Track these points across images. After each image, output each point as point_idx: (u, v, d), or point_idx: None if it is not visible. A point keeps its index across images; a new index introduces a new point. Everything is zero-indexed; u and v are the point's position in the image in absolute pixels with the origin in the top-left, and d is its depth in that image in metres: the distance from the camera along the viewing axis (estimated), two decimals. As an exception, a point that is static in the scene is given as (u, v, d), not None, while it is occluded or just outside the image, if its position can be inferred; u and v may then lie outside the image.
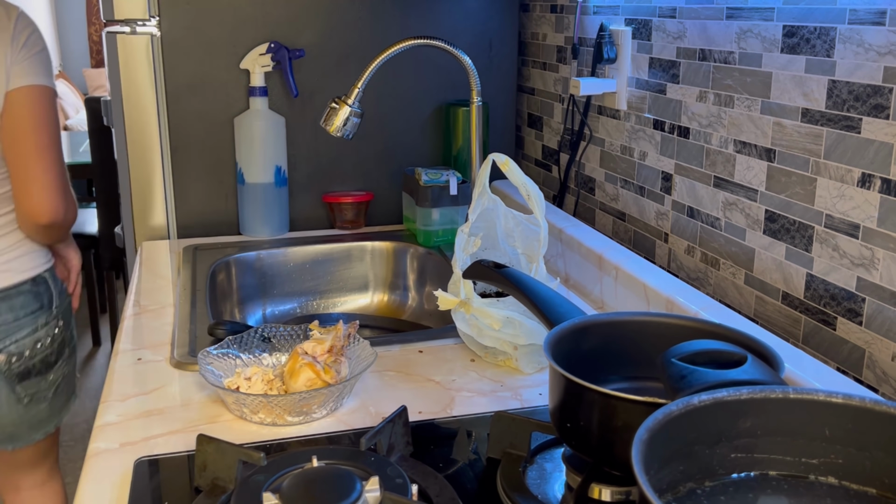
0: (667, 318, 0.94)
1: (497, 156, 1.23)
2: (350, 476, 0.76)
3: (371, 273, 1.76)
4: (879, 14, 0.96)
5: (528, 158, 2.01)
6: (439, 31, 1.84)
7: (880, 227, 0.98)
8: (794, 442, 0.67)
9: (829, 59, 1.04)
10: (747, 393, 0.66)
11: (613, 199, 1.60)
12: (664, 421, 0.61)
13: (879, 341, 0.99)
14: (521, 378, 1.15)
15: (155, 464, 0.92)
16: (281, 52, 1.73)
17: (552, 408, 0.85)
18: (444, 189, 1.69)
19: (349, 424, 1.02)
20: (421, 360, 1.21)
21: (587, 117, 1.67)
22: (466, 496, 0.85)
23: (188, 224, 1.80)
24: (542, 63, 1.88)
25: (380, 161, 1.88)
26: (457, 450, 0.96)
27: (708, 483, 0.66)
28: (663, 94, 1.41)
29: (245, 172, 1.75)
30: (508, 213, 1.30)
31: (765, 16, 1.15)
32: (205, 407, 1.07)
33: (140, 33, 1.68)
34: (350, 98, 1.47)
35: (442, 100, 1.89)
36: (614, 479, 0.82)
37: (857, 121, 1.00)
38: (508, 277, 1.04)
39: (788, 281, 1.14)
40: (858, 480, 0.66)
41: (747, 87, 1.19)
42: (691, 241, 1.36)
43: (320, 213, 1.87)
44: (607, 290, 1.38)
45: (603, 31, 1.51)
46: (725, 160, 1.25)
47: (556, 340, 0.88)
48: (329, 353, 1.08)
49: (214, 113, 1.76)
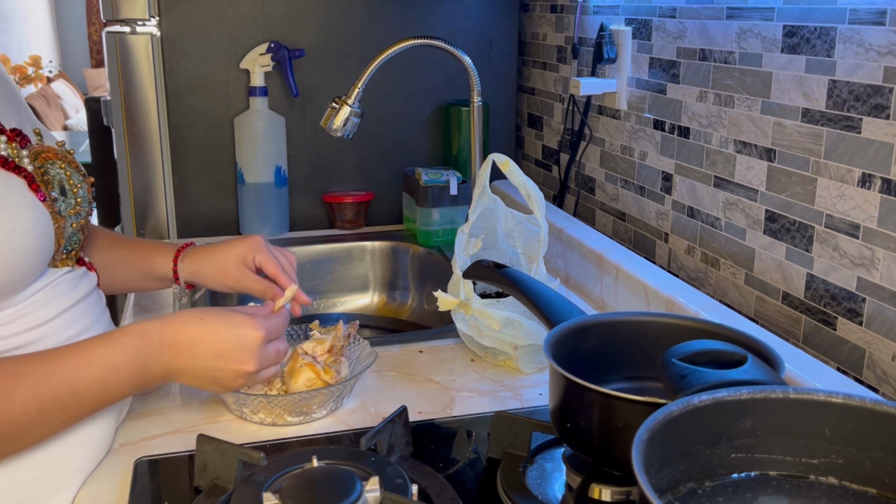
0: (667, 318, 0.94)
1: (497, 156, 1.23)
2: (350, 476, 0.76)
3: (371, 273, 1.76)
4: (879, 14, 0.96)
5: (528, 158, 2.01)
6: (439, 31, 1.84)
7: (880, 227, 0.98)
8: (795, 442, 0.66)
9: (829, 59, 1.04)
10: (747, 393, 0.66)
11: (613, 199, 1.60)
12: (664, 421, 0.61)
13: (880, 341, 0.99)
14: (521, 378, 1.15)
15: (155, 464, 0.92)
16: (281, 52, 1.73)
17: (552, 408, 0.85)
18: (444, 189, 1.69)
19: (349, 424, 1.02)
20: (421, 360, 1.21)
21: (587, 117, 1.67)
22: (466, 496, 0.85)
23: (188, 224, 1.79)
24: (542, 63, 1.88)
25: (380, 161, 1.88)
26: (457, 450, 0.96)
27: (708, 483, 0.66)
28: (663, 94, 1.41)
29: (245, 172, 1.75)
30: (508, 213, 1.30)
31: (765, 16, 1.15)
32: (205, 407, 1.07)
33: (140, 33, 1.68)
34: (350, 98, 1.47)
35: (442, 100, 1.89)
36: (614, 479, 0.82)
37: (857, 121, 1.00)
38: (508, 277, 1.04)
39: (788, 281, 1.14)
40: (858, 480, 0.66)
41: (747, 86, 1.19)
42: (691, 241, 1.36)
43: (320, 213, 1.87)
44: (607, 290, 1.38)
45: (603, 31, 1.51)
46: (725, 160, 1.25)
47: (556, 340, 0.88)
48: (329, 353, 1.08)
49: (214, 113, 1.76)
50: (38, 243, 0.84)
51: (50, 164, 0.90)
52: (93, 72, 7.09)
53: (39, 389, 0.80)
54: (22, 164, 0.87)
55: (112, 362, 0.84)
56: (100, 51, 7.27)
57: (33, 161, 0.88)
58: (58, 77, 6.56)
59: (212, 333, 0.88)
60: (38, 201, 0.86)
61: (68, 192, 0.91)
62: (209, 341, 0.88)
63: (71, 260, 0.93)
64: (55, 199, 0.89)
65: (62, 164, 0.92)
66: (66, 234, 0.91)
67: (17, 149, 0.87)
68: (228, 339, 0.88)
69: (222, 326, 0.89)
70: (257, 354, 0.89)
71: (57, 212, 0.88)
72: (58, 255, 0.90)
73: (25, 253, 0.83)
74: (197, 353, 0.88)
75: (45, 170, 0.89)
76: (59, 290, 0.91)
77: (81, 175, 0.95)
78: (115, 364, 0.84)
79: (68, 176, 0.92)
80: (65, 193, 0.91)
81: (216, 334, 0.88)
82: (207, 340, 0.88)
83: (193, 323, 0.88)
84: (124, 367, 0.84)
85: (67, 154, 0.95)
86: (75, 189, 0.92)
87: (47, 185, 0.88)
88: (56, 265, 0.91)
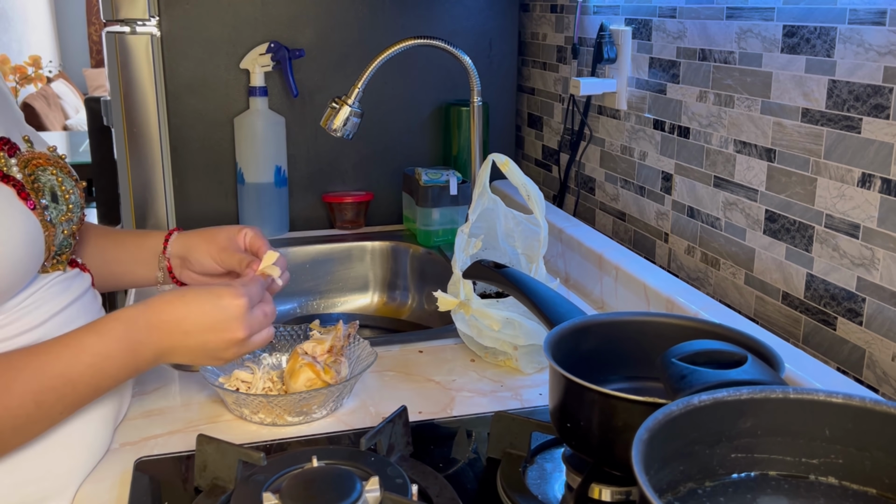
0: (667, 318, 0.94)
1: (497, 156, 1.23)
2: (350, 476, 0.76)
3: (371, 273, 1.76)
4: (879, 14, 0.96)
5: (528, 158, 2.01)
6: (439, 30, 1.84)
7: (880, 227, 0.98)
8: (794, 442, 0.66)
9: (829, 59, 1.04)
10: (747, 393, 0.66)
11: (613, 199, 1.60)
12: (664, 421, 0.61)
13: (879, 341, 0.99)
14: (521, 378, 1.15)
15: (155, 464, 0.92)
16: (281, 52, 1.73)
17: (552, 408, 0.85)
18: (444, 189, 1.69)
19: (349, 424, 1.02)
20: (421, 360, 1.21)
21: (587, 117, 1.67)
22: (466, 496, 0.85)
23: (188, 224, 1.79)
24: (542, 63, 1.88)
25: (380, 161, 1.88)
26: (457, 450, 0.96)
27: (708, 483, 0.66)
28: (663, 94, 1.41)
29: (245, 172, 1.75)
30: (508, 213, 1.30)
31: (765, 16, 1.15)
32: (205, 407, 1.07)
33: (140, 33, 1.68)
34: (350, 98, 1.47)
35: (442, 100, 1.89)
36: (614, 479, 0.82)
37: (857, 121, 1.00)
38: (508, 277, 1.04)
39: (788, 281, 1.14)
40: (858, 480, 0.66)
41: (747, 86, 1.19)
42: (691, 241, 1.36)
43: (320, 213, 1.87)
44: (607, 290, 1.38)
45: (603, 31, 1.51)
46: (725, 160, 1.25)
47: (556, 340, 0.88)
48: (329, 353, 1.08)
49: (214, 113, 1.76)
50: (28, 252, 0.84)
51: (41, 171, 0.90)
52: (93, 72, 7.09)
53: (35, 382, 0.81)
54: (10, 173, 0.86)
55: (103, 350, 0.85)
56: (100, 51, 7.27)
57: (23, 169, 0.88)
58: (58, 77, 6.56)
59: (196, 308, 0.89)
60: (27, 210, 0.85)
61: (60, 198, 0.91)
62: (195, 317, 0.89)
63: (62, 264, 0.93)
64: (45, 207, 0.88)
65: (53, 170, 0.91)
66: (57, 241, 0.90)
67: (4, 158, 0.86)
68: (213, 311, 0.89)
69: (205, 300, 0.89)
70: (244, 320, 0.90)
71: (48, 220, 0.88)
72: (48, 261, 0.90)
73: (14, 262, 0.83)
74: (185, 329, 0.88)
75: (35, 177, 0.88)
76: (51, 293, 0.91)
77: (73, 180, 0.95)
78: (107, 351, 0.85)
79: (60, 182, 0.92)
80: (56, 200, 0.90)
81: (201, 308, 0.89)
82: (193, 316, 0.88)
83: (175, 302, 0.89)
84: (116, 353, 0.85)
85: (59, 159, 0.94)
86: (67, 195, 0.92)
87: (38, 192, 0.88)
88: (47, 270, 0.91)
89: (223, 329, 0.89)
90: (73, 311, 0.93)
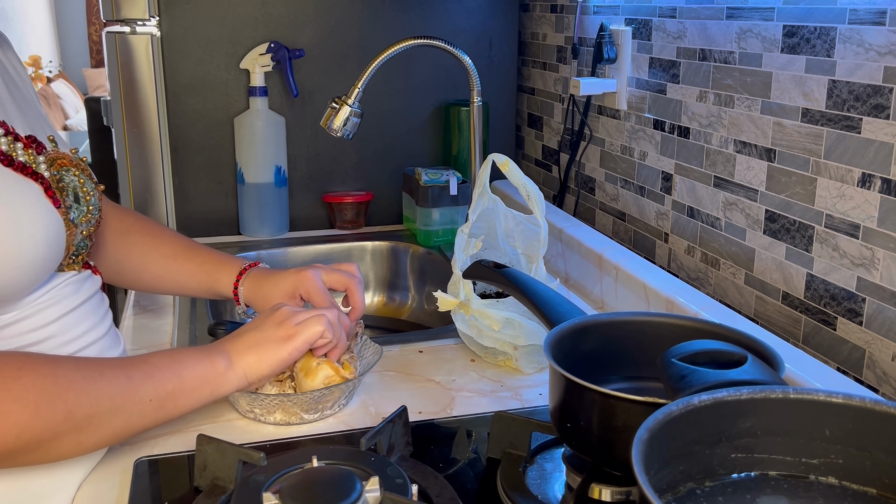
0: (667, 318, 0.94)
1: (497, 156, 1.23)
2: (350, 476, 0.76)
3: (371, 273, 1.76)
4: (879, 14, 0.96)
5: (528, 158, 2.01)
6: (439, 31, 1.84)
7: (880, 227, 0.98)
8: (794, 442, 0.66)
9: (829, 59, 1.04)
10: (747, 393, 0.66)
11: (613, 199, 1.60)
12: (664, 421, 0.61)
13: (879, 341, 0.99)
14: (521, 378, 1.15)
15: (155, 464, 0.92)
16: (281, 52, 1.73)
17: (552, 408, 0.85)
18: (444, 189, 1.69)
19: (349, 424, 1.02)
20: (421, 360, 1.21)
21: (587, 117, 1.67)
22: (466, 496, 0.85)
23: (188, 224, 1.79)
24: (542, 63, 1.88)
25: (380, 161, 1.88)
26: (457, 450, 0.96)
27: (708, 483, 0.66)
28: (663, 94, 1.41)
29: (245, 172, 1.75)
30: (508, 213, 1.30)
31: (765, 16, 1.15)
32: (205, 407, 1.06)
33: (140, 33, 1.68)
34: (350, 98, 1.47)
35: (442, 100, 1.89)
36: (614, 479, 0.82)
37: (857, 121, 1.00)
38: (508, 277, 1.04)
39: (788, 281, 1.14)
40: (858, 480, 0.66)
41: (747, 87, 1.19)
42: (691, 241, 1.36)
43: (320, 213, 1.87)
44: (607, 290, 1.38)
45: (603, 31, 1.51)
46: (725, 160, 1.25)
47: (556, 340, 0.88)
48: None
49: (214, 113, 1.77)
50: (50, 249, 0.86)
51: (65, 171, 0.91)
52: (93, 72, 7.10)
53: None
54: (39, 171, 0.88)
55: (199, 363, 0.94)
56: (100, 51, 7.27)
57: (49, 167, 0.89)
58: (58, 77, 6.56)
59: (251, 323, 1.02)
60: (52, 208, 0.87)
61: (81, 199, 0.93)
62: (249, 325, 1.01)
63: (77, 264, 0.94)
64: (69, 207, 0.90)
65: (76, 172, 0.93)
66: (76, 241, 0.92)
67: (33, 155, 0.88)
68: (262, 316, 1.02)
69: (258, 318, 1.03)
70: (288, 310, 1.00)
71: (71, 219, 0.90)
72: (66, 260, 0.91)
73: (39, 258, 0.84)
74: (240, 332, 0.99)
75: (60, 177, 0.90)
76: (65, 292, 0.92)
77: (94, 182, 0.97)
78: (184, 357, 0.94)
79: (82, 184, 0.93)
80: (78, 201, 0.92)
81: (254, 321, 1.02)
82: (247, 326, 1.01)
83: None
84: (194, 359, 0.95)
85: (81, 161, 0.96)
86: (88, 197, 0.94)
87: (62, 192, 0.90)
88: (63, 269, 0.92)
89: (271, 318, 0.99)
90: (82, 311, 0.94)
